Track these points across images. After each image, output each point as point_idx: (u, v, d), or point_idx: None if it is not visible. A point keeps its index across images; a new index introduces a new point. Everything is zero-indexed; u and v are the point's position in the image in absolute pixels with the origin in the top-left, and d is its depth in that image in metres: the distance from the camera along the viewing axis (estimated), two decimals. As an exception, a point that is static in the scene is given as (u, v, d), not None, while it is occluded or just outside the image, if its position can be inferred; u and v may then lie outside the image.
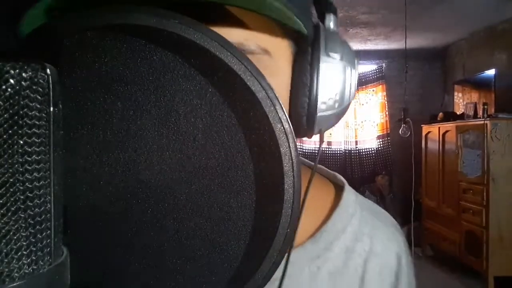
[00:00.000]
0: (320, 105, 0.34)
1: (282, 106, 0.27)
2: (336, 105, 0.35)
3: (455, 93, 4.48)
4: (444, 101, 4.81)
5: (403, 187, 4.41)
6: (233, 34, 0.31)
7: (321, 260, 0.40)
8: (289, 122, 0.27)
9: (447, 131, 3.84)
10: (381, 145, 4.91)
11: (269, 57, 0.34)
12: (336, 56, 0.34)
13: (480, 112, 3.62)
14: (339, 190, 0.44)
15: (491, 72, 3.80)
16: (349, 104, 0.36)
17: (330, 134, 4.96)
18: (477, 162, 3.34)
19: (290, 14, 0.29)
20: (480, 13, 3.53)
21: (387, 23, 3.82)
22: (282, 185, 0.27)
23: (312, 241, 0.40)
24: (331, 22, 0.36)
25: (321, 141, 0.38)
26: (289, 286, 0.37)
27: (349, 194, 0.44)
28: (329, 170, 0.48)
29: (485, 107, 3.49)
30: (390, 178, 4.61)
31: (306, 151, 4.95)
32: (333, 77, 0.34)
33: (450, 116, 4.05)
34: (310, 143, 4.97)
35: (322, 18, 0.36)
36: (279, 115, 0.27)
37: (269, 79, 0.28)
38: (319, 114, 0.34)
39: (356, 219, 0.42)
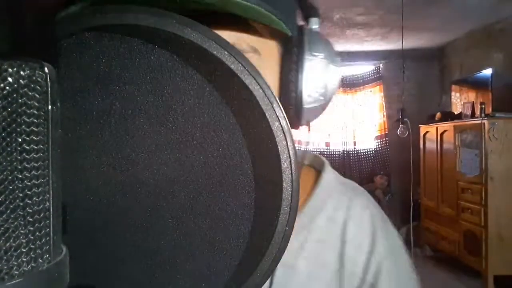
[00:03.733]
0: (306, 98, 0.39)
1: (280, 104, 0.27)
2: (321, 98, 0.40)
3: (453, 93, 4.48)
4: (442, 101, 4.82)
5: (402, 187, 4.41)
6: (225, 35, 0.33)
7: (307, 231, 0.45)
8: (287, 120, 0.27)
9: (445, 131, 3.85)
10: (380, 146, 4.92)
11: (259, 56, 0.37)
12: (319, 54, 0.39)
13: (477, 112, 3.63)
14: (318, 171, 0.50)
15: (488, 71, 3.81)
16: (332, 97, 0.41)
17: (329, 135, 4.97)
18: (475, 161, 3.35)
19: (275, 17, 0.34)
20: (476, 12, 3.54)
21: (383, 23, 3.83)
22: (281, 183, 0.27)
23: (298, 215, 0.44)
24: (314, 25, 0.40)
25: (309, 131, 0.42)
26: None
27: (329, 173, 0.50)
28: (309, 152, 0.56)
29: (483, 106, 3.49)
30: (388, 178, 4.62)
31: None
32: (316, 73, 0.39)
33: (448, 116, 4.05)
34: (310, 145, 4.97)
35: (306, 21, 0.41)
36: (277, 113, 0.27)
37: None
38: (305, 106, 0.39)
39: (336, 193, 0.48)
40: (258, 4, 0.32)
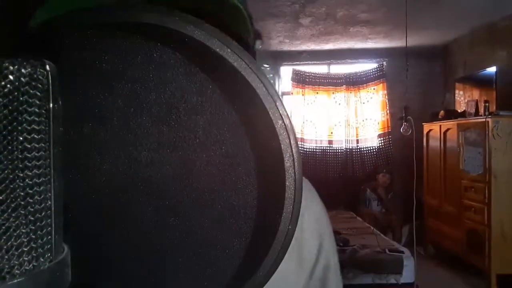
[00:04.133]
0: None
1: (283, 102, 0.27)
2: None
3: (456, 91, 4.47)
4: (445, 99, 4.80)
5: (405, 185, 4.41)
6: None
7: None
8: (290, 119, 0.27)
9: (448, 129, 3.84)
10: (382, 144, 4.91)
11: None
12: (267, 66, 0.51)
13: (481, 110, 3.61)
14: None
15: (492, 69, 3.79)
16: None
17: (332, 132, 4.96)
18: (479, 159, 3.34)
19: (249, 24, 0.40)
20: (480, 10, 3.52)
21: (387, 21, 3.82)
22: (284, 182, 0.27)
23: None
24: (259, 46, 0.48)
25: None
26: None
27: None
28: None
29: (487, 104, 3.48)
30: (391, 176, 4.61)
31: (307, 149, 4.95)
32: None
33: (451, 114, 4.04)
34: (311, 142, 4.97)
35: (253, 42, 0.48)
36: (280, 112, 0.27)
37: None
38: None
39: None
40: (245, 8, 0.37)
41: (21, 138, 0.16)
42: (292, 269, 0.52)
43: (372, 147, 4.95)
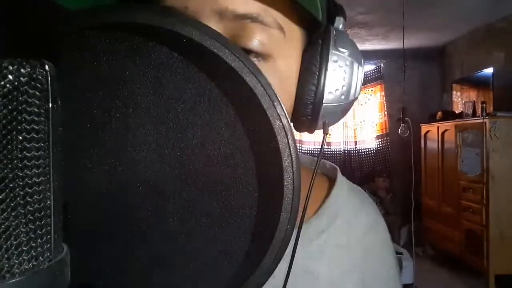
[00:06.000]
0: (327, 95, 0.35)
1: (281, 102, 0.27)
2: (342, 97, 0.36)
3: (454, 92, 4.48)
4: (443, 100, 4.81)
5: (403, 186, 4.41)
6: (251, 4, 0.33)
7: (326, 234, 0.44)
8: (288, 119, 0.27)
9: (446, 130, 3.84)
10: (380, 145, 4.91)
11: (283, 37, 0.35)
12: (345, 51, 0.36)
13: (478, 111, 3.62)
14: (330, 176, 0.50)
15: (489, 70, 3.81)
16: (354, 100, 0.37)
17: (329, 134, 4.96)
18: (477, 160, 3.34)
19: (320, 3, 0.34)
20: (477, 11, 3.54)
21: (384, 23, 3.82)
22: (282, 181, 0.27)
23: (316, 217, 0.44)
24: (340, 24, 0.38)
25: (325, 134, 0.37)
26: (300, 259, 0.40)
27: (342, 177, 0.50)
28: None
29: (484, 105, 3.49)
30: (390, 180, 4.61)
31: (305, 151, 4.94)
32: (340, 69, 0.36)
33: (449, 115, 4.05)
34: (310, 144, 4.97)
35: (332, 20, 0.38)
36: (278, 112, 0.27)
37: (281, 59, 0.34)
38: (324, 104, 0.36)
39: (351, 196, 0.48)
40: None
41: (20, 138, 0.16)
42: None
43: (370, 148, 4.96)
